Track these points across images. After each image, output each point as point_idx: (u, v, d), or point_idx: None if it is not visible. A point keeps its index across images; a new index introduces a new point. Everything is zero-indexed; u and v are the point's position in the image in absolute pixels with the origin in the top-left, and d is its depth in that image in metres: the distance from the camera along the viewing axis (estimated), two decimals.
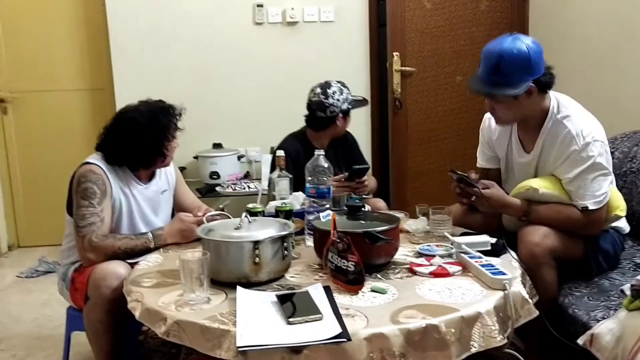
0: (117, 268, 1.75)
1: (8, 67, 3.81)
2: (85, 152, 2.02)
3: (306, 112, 2.65)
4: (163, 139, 1.97)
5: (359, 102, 2.71)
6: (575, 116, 1.86)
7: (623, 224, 2.00)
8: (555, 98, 1.91)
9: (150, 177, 2.08)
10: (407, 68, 3.47)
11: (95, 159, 1.95)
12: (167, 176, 2.16)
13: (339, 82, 2.64)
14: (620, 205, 1.93)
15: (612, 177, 1.88)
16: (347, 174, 2.43)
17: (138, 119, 1.95)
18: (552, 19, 3.37)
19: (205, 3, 3.63)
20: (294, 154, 2.46)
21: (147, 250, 1.86)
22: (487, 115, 2.07)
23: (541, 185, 1.84)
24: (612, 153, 2.34)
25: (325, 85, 2.59)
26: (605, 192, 1.81)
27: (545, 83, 1.85)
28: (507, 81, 1.79)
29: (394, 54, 3.43)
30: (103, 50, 3.70)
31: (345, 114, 2.59)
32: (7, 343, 2.49)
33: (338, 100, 2.55)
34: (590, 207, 1.79)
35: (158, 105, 2.02)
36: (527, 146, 1.97)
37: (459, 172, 1.93)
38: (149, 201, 2.04)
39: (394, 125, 3.58)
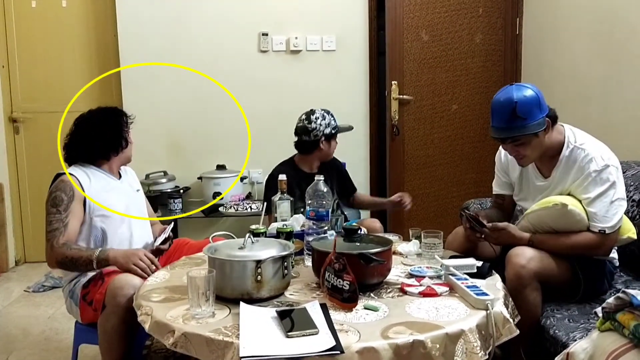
0: (133, 279, 1.88)
1: (22, 88, 3.97)
2: None
3: (295, 138, 2.86)
4: (122, 123, 2.21)
5: (343, 128, 2.89)
6: (591, 143, 2.00)
7: (615, 256, 2.09)
8: (570, 129, 2.06)
9: (120, 175, 2.28)
10: (404, 96, 3.63)
11: (67, 170, 2.13)
12: (135, 179, 2.38)
13: (323, 109, 2.84)
14: (631, 228, 2.05)
15: (625, 203, 1.97)
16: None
17: (93, 114, 2.22)
18: (542, 54, 3.52)
19: (214, 30, 3.80)
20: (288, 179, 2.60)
21: (89, 264, 1.96)
22: None
23: (570, 202, 1.91)
24: None
25: (310, 112, 2.81)
26: (621, 216, 1.93)
27: (554, 116, 2.01)
28: (527, 122, 1.92)
29: (393, 82, 3.62)
30: (113, 74, 3.85)
31: (329, 138, 2.78)
32: (17, 355, 2.59)
33: (321, 125, 2.75)
34: (608, 231, 1.90)
35: (104, 106, 2.29)
36: (544, 172, 2.09)
37: (469, 212, 2.08)
38: (126, 195, 2.23)
39: (392, 150, 3.74)
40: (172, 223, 2.37)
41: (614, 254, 2.08)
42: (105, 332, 1.89)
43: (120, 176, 2.28)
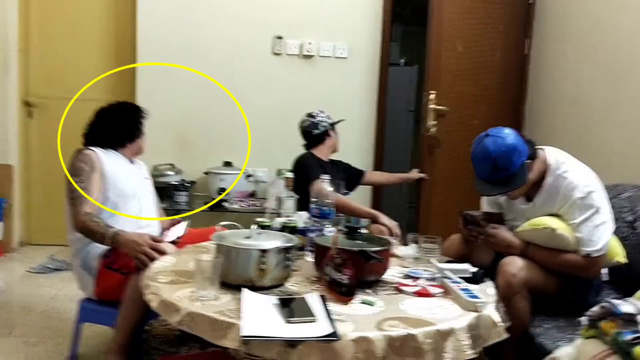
0: (167, 247, 2.04)
1: (39, 73, 4.06)
2: None
3: (303, 141, 3.12)
4: (139, 116, 2.43)
5: (339, 121, 3.21)
6: (573, 169, 2.04)
7: (605, 270, 2.15)
8: (552, 154, 2.10)
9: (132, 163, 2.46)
10: (442, 107, 3.43)
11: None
12: (145, 169, 2.58)
13: (316, 109, 3.16)
14: (620, 252, 2.11)
15: (612, 226, 2.02)
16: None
17: (113, 106, 2.44)
18: (547, 74, 3.61)
19: (229, 31, 3.90)
20: (319, 162, 2.99)
21: (102, 239, 2.08)
22: None
23: (559, 227, 1.97)
24: None
25: (309, 113, 3.14)
26: (607, 240, 1.98)
27: (532, 154, 2.05)
28: (510, 173, 1.98)
29: (431, 92, 3.40)
30: (129, 64, 3.95)
31: (333, 126, 3.13)
32: (20, 330, 2.66)
33: (323, 117, 3.11)
34: (593, 255, 1.96)
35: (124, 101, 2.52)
36: (527, 196, 2.14)
37: (468, 212, 2.14)
38: (137, 177, 2.42)
39: (427, 164, 3.53)
40: (189, 221, 2.52)
41: (602, 269, 2.15)
42: (134, 291, 1.92)
43: (132, 163, 2.45)
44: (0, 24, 3.81)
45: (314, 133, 3.08)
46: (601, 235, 1.97)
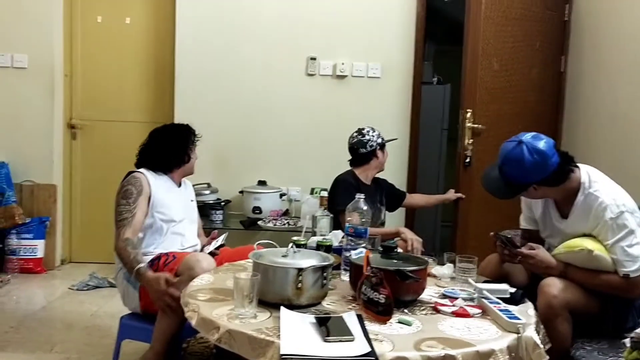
0: (206, 260, 2.15)
1: (81, 97, 4.21)
2: None
3: (349, 156, 3.06)
4: (188, 141, 2.55)
5: (390, 140, 3.20)
6: (605, 188, 2.01)
7: None
8: (586, 172, 2.06)
9: (179, 185, 2.57)
10: (478, 126, 3.39)
11: (139, 169, 2.45)
12: (191, 190, 2.68)
13: (367, 126, 3.10)
14: None
15: None
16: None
17: (166, 129, 2.60)
18: (585, 93, 3.55)
19: (265, 52, 3.98)
20: (353, 183, 2.91)
21: (130, 270, 2.18)
22: None
23: (595, 248, 1.94)
24: None
25: (359, 129, 3.09)
26: None
27: (553, 180, 2.01)
28: (508, 182, 2.03)
29: (467, 110, 3.37)
30: (168, 88, 4.07)
31: (382, 147, 3.07)
32: (61, 347, 2.73)
33: (372, 136, 3.04)
34: (632, 275, 1.92)
35: (179, 123, 2.68)
36: (563, 213, 2.12)
37: (504, 234, 2.13)
38: (183, 201, 2.51)
39: (462, 182, 3.47)
40: (227, 233, 2.60)
41: None
42: (174, 299, 2.03)
43: (180, 185, 2.57)
44: (47, 51, 3.98)
45: (360, 152, 3.01)
46: (637, 255, 1.92)
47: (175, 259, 2.23)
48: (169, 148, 2.50)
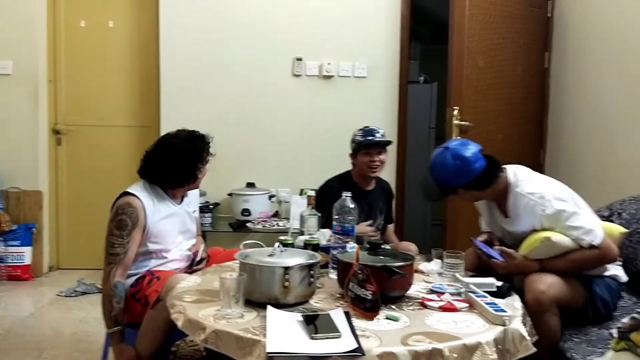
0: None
1: (66, 102, 4.18)
2: (129, 184, 2.29)
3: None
4: (198, 162, 2.28)
5: (368, 142, 2.78)
6: (528, 185, 2.08)
7: (620, 273, 2.14)
8: (513, 173, 2.14)
9: (182, 198, 2.36)
10: (466, 123, 3.37)
11: (136, 189, 2.21)
12: (195, 200, 2.48)
13: (367, 125, 2.86)
14: (616, 227, 2.19)
15: (587, 210, 2.08)
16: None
17: (178, 144, 2.27)
18: (569, 89, 3.58)
19: (250, 54, 3.97)
20: (335, 192, 2.45)
21: (106, 320, 2.11)
22: None
23: (552, 234, 1.99)
24: (620, 214, 2.52)
25: (365, 126, 2.84)
26: (591, 223, 2.00)
27: (478, 184, 2.08)
28: (438, 185, 2.12)
29: (454, 108, 3.36)
30: (153, 92, 4.05)
31: (354, 152, 2.79)
32: (50, 353, 2.71)
33: (355, 135, 2.80)
34: (595, 242, 1.97)
35: (195, 134, 2.34)
36: (504, 212, 2.17)
37: (476, 242, 2.16)
38: (181, 220, 2.34)
39: None
40: (203, 245, 2.50)
41: (618, 271, 2.14)
42: (155, 322, 1.99)
43: (182, 201, 2.36)
44: (31, 57, 3.96)
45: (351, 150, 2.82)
46: (586, 224, 1.99)
47: (159, 280, 2.11)
48: (174, 168, 2.23)
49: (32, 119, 3.99)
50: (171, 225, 2.28)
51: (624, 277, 2.15)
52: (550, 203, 2.00)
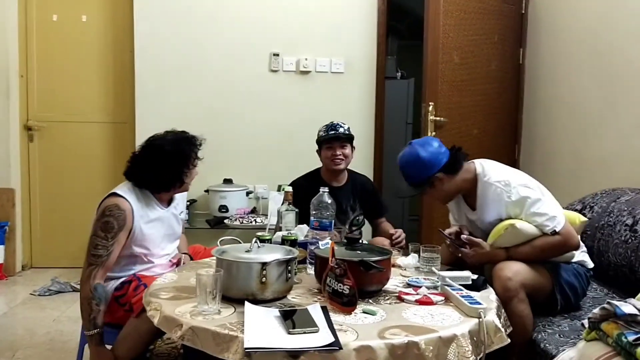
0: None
1: (38, 98, 4.10)
2: (103, 181, 2.21)
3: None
4: (184, 166, 2.20)
5: (326, 137, 2.83)
6: (496, 175, 2.13)
7: (586, 259, 2.20)
8: (480, 164, 2.19)
9: (170, 201, 2.30)
10: (441, 118, 3.40)
11: (124, 190, 2.13)
12: (182, 202, 2.42)
13: (333, 121, 2.90)
14: (576, 215, 2.24)
15: (548, 196, 2.11)
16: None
17: (165, 146, 2.17)
18: (543, 84, 3.64)
19: (227, 49, 3.94)
20: (302, 190, 2.54)
21: (85, 323, 2.04)
22: None
23: (515, 221, 2.05)
24: (592, 208, 2.58)
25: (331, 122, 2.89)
26: (554, 210, 2.06)
27: (450, 167, 2.14)
28: (413, 182, 2.16)
29: (430, 103, 3.36)
30: (128, 87, 4.00)
31: (318, 148, 2.84)
32: (22, 353, 2.66)
33: (320, 130, 2.85)
34: (557, 228, 2.02)
35: (183, 136, 2.25)
36: (471, 205, 2.22)
37: (445, 233, 2.20)
38: (167, 224, 2.27)
39: None
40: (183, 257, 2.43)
41: (584, 257, 2.20)
42: (137, 332, 1.96)
43: (169, 204, 2.29)
44: (1, 52, 3.86)
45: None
46: (549, 210, 2.04)
47: (146, 287, 2.01)
48: (159, 172, 2.15)
49: (3, 115, 3.90)
50: (157, 230, 2.21)
51: (590, 264, 2.21)
52: (516, 190, 2.06)
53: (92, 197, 4.16)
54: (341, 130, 2.82)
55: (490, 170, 2.15)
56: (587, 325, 1.54)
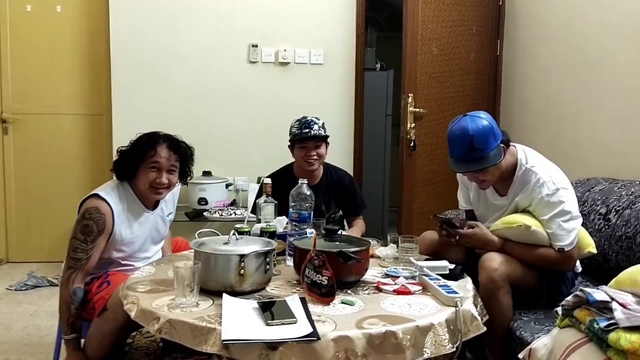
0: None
1: (13, 89, 4.02)
2: (79, 174, 2.14)
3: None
4: (140, 160, 2.12)
5: (302, 135, 2.70)
6: (541, 165, 2.11)
7: (577, 264, 2.19)
8: (522, 150, 2.16)
9: (156, 203, 2.26)
10: (420, 110, 3.45)
11: (106, 191, 2.10)
12: (173, 202, 2.37)
13: (305, 116, 2.78)
14: (590, 243, 2.16)
15: (580, 219, 2.08)
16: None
17: (134, 139, 2.19)
18: (520, 76, 3.67)
19: (204, 40, 3.90)
20: (275, 184, 2.44)
21: (64, 326, 2.04)
22: None
23: (533, 224, 2.02)
24: None
25: (303, 117, 2.77)
26: (576, 233, 2.03)
27: (507, 140, 2.12)
28: (484, 153, 2.03)
29: (409, 95, 3.40)
30: (104, 79, 3.94)
31: (291, 146, 2.74)
32: None
33: (292, 126, 2.74)
34: (566, 249, 2.01)
35: (154, 132, 2.22)
36: (500, 191, 2.20)
37: (441, 217, 2.18)
38: (151, 226, 2.24)
39: (407, 166, 3.52)
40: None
41: (577, 263, 2.19)
42: (101, 332, 1.95)
43: (155, 207, 2.25)
44: None
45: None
46: (571, 230, 2.01)
47: (110, 286, 2.02)
48: (121, 159, 2.16)
49: None
50: (139, 233, 2.18)
51: (579, 268, 2.21)
52: (558, 191, 2.01)
53: (69, 190, 4.13)
54: (315, 127, 2.67)
55: (533, 159, 2.11)
56: (560, 313, 1.57)
